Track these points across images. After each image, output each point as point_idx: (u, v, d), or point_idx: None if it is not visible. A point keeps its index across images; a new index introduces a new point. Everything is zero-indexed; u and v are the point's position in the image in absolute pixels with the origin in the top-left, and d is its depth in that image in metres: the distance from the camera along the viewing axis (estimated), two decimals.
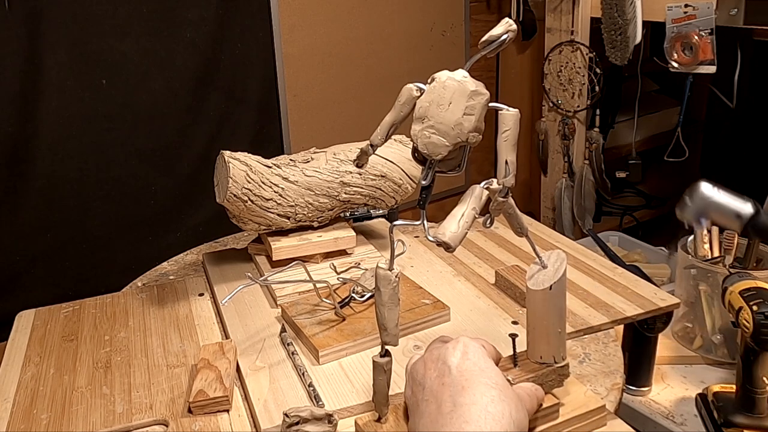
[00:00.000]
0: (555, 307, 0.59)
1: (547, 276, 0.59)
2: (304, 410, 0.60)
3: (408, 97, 0.61)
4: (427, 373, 0.57)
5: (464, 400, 0.52)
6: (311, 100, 2.02)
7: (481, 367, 0.55)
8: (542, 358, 0.61)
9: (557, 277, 0.58)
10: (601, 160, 1.91)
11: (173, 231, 1.82)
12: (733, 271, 0.85)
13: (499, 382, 0.54)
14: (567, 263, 0.60)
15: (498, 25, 0.57)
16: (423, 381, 0.57)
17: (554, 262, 0.60)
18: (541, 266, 0.61)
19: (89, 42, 1.58)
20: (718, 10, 1.42)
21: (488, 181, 0.58)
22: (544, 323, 0.60)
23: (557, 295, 0.59)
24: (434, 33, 2.25)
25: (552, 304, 0.59)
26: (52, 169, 1.60)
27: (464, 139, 0.56)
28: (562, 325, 0.61)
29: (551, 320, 0.60)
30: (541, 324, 0.60)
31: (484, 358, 0.56)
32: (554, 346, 0.60)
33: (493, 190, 0.57)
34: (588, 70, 1.82)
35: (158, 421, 0.68)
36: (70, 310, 0.91)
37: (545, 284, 0.58)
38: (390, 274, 0.56)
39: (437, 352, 0.58)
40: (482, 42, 0.58)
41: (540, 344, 0.61)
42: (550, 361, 0.61)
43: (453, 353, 0.56)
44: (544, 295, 0.58)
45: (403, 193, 1.02)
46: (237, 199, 0.88)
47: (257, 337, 0.81)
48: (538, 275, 0.60)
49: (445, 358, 0.56)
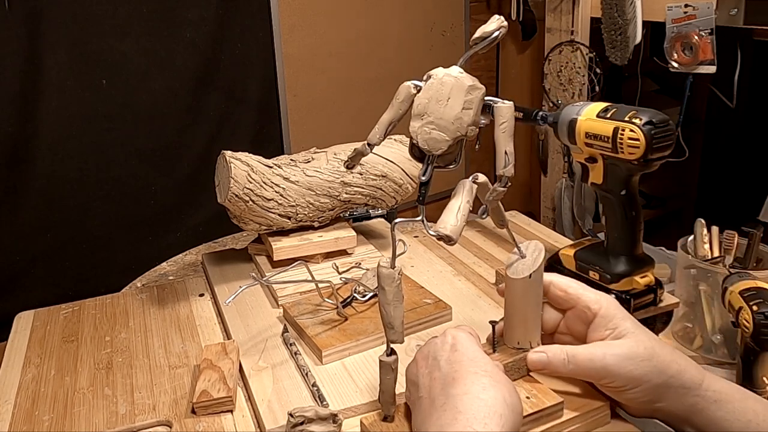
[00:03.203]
0: (533, 295, 0.61)
1: (525, 265, 0.61)
2: (309, 410, 0.60)
3: (406, 94, 0.61)
4: (419, 372, 0.58)
5: (456, 391, 0.52)
6: (311, 100, 2.02)
7: (470, 356, 0.56)
8: (519, 344, 0.63)
9: (536, 267, 0.60)
10: None
11: (173, 231, 1.82)
12: (733, 271, 0.85)
13: (489, 369, 0.54)
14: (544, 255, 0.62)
15: (489, 21, 0.59)
16: (417, 380, 0.58)
17: (532, 252, 0.62)
18: (519, 256, 0.63)
19: (89, 42, 1.58)
20: (718, 10, 1.42)
21: (475, 175, 0.60)
22: (522, 310, 0.62)
23: (535, 283, 0.61)
24: (434, 33, 2.25)
25: (530, 293, 0.61)
26: (52, 169, 1.61)
27: (463, 132, 0.57)
28: (539, 312, 0.63)
29: (529, 308, 0.62)
30: (519, 311, 0.62)
31: (472, 347, 0.57)
32: (531, 332, 0.63)
33: (482, 183, 0.59)
34: (588, 70, 1.82)
35: (162, 422, 0.68)
36: (69, 311, 0.91)
37: (524, 273, 0.60)
38: (393, 272, 0.56)
39: (427, 349, 0.59)
40: (474, 39, 0.59)
41: (517, 330, 0.63)
42: (526, 346, 0.63)
43: (442, 347, 0.58)
44: (523, 283, 0.61)
45: (404, 193, 1.02)
46: (238, 199, 0.88)
47: (259, 338, 0.81)
48: (517, 265, 0.62)
49: (435, 354, 0.58)
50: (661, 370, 0.56)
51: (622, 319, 0.59)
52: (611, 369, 0.56)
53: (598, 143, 0.77)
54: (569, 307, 0.63)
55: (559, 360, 0.59)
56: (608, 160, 0.78)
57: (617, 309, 0.60)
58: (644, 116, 0.73)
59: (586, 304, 0.61)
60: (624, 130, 0.74)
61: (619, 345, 0.57)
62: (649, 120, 0.73)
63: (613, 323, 0.59)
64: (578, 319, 0.62)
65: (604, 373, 0.57)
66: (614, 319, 0.59)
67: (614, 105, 0.78)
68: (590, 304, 0.60)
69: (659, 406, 0.57)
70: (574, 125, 0.80)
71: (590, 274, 0.84)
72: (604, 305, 0.60)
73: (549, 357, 0.60)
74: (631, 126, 0.73)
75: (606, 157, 0.78)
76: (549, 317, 0.64)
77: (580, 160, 0.83)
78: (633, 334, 0.58)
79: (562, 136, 0.82)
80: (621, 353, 0.56)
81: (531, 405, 0.59)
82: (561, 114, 0.82)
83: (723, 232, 0.99)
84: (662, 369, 0.56)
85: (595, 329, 0.60)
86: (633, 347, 0.57)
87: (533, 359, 0.61)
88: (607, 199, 0.81)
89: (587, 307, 0.60)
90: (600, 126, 0.77)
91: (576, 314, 0.62)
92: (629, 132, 0.73)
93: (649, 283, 0.82)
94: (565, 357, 0.59)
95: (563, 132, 0.82)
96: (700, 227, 0.98)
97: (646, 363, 0.56)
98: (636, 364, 0.56)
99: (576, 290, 0.62)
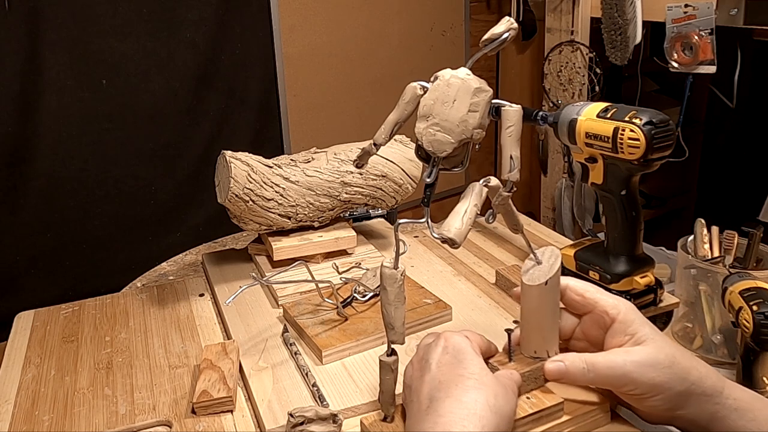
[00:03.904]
0: (550, 302, 0.60)
1: (542, 272, 0.59)
2: (309, 410, 0.60)
3: (412, 95, 0.61)
4: (413, 374, 0.58)
5: (439, 395, 0.52)
6: (311, 100, 2.02)
7: (459, 359, 0.55)
8: (536, 353, 0.61)
9: (552, 273, 0.59)
10: None
11: (173, 231, 1.82)
12: (733, 271, 0.85)
13: (474, 372, 0.54)
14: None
15: (499, 23, 0.58)
16: (410, 382, 0.58)
17: (548, 258, 0.61)
18: (535, 262, 0.61)
19: (89, 42, 1.58)
20: (718, 10, 1.42)
21: (486, 178, 0.59)
22: (539, 318, 0.60)
23: (552, 290, 0.59)
24: (434, 33, 2.25)
25: (547, 300, 0.59)
26: (52, 169, 1.60)
27: (469, 135, 0.57)
28: (556, 320, 0.61)
29: (545, 315, 0.60)
30: (535, 319, 0.61)
31: (464, 350, 0.56)
32: (548, 341, 0.61)
33: (493, 186, 0.58)
34: (588, 70, 1.82)
35: (162, 422, 0.67)
36: (69, 311, 0.91)
37: (540, 279, 0.59)
38: (395, 273, 0.56)
39: (422, 352, 0.59)
40: (484, 40, 0.58)
41: (534, 339, 0.61)
42: (543, 356, 0.61)
43: (434, 350, 0.57)
44: (539, 290, 0.59)
45: (404, 193, 1.02)
46: (238, 199, 0.88)
47: (259, 338, 0.81)
48: (533, 271, 0.60)
49: (427, 356, 0.57)
50: (682, 377, 0.54)
51: (641, 325, 0.57)
52: (633, 376, 0.55)
53: (598, 143, 0.77)
54: (585, 312, 0.61)
55: (578, 369, 0.57)
56: (608, 160, 0.78)
57: (636, 314, 0.58)
58: (644, 116, 0.73)
59: (604, 309, 0.59)
60: (624, 130, 0.74)
61: (639, 351, 0.56)
62: (649, 120, 0.73)
63: (632, 329, 0.57)
64: (595, 325, 0.60)
65: (626, 380, 0.55)
66: (633, 324, 0.57)
67: (614, 105, 0.78)
68: (608, 309, 0.58)
69: (679, 413, 0.55)
70: (574, 125, 0.80)
71: (590, 274, 0.84)
72: (623, 310, 0.58)
73: (567, 366, 0.58)
74: (631, 126, 0.73)
75: (606, 157, 0.78)
76: (565, 323, 0.63)
77: (580, 160, 0.83)
78: (652, 340, 0.56)
79: (562, 136, 0.82)
80: (642, 360, 0.55)
81: (531, 405, 0.59)
82: (561, 114, 0.82)
83: (723, 232, 0.99)
84: (683, 376, 0.54)
85: (613, 335, 0.58)
86: (653, 354, 0.55)
87: (551, 369, 0.59)
88: (607, 199, 0.81)
89: (605, 312, 0.59)
90: (600, 126, 0.77)
91: (593, 319, 0.60)
92: (629, 132, 0.73)
93: (649, 283, 0.82)
94: (584, 366, 0.57)
95: (563, 132, 0.82)
96: (700, 227, 0.98)
97: (668, 370, 0.54)
98: (658, 371, 0.54)
99: (593, 294, 0.60)
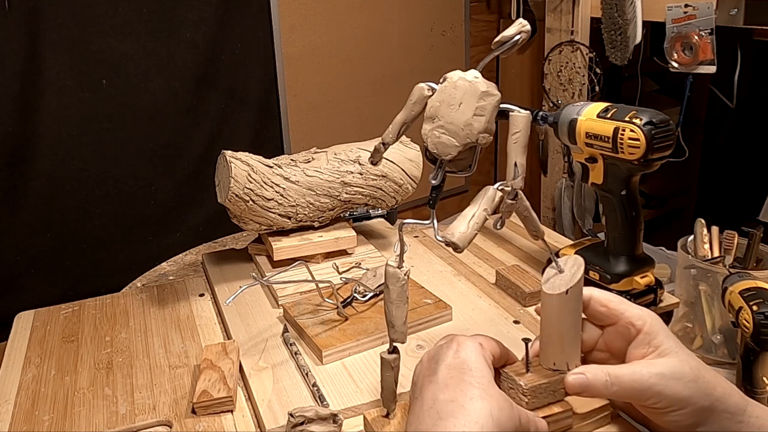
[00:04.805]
0: (571, 312, 0.57)
1: (563, 280, 0.57)
2: (309, 410, 0.60)
3: (419, 96, 0.60)
4: (422, 372, 0.58)
5: (444, 397, 0.52)
6: (311, 100, 2.02)
7: (469, 365, 0.55)
8: (555, 365, 0.58)
9: (573, 282, 0.56)
10: None
11: (173, 231, 1.82)
12: (733, 271, 0.85)
13: (482, 382, 0.53)
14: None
15: (512, 25, 0.58)
16: (417, 380, 0.57)
17: (571, 267, 0.58)
18: (557, 270, 0.58)
19: (89, 42, 1.58)
20: (718, 10, 1.42)
21: (503, 182, 0.57)
22: (559, 329, 0.57)
23: (573, 300, 0.56)
24: (434, 33, 2.25)
25: (568, 310, 0.56)
26: (52, 169, 1.60)
27: (474, 140, 0.56)
28: (577, 331, 0.58)
29: (566, 326, 0.57)
30: (555, 330, 0.58)
31: (475, 356, 0.55)
32: (568, 353, 0.58)
33: (507, 192, 0.57)
34: (588, 70, 1.82)
35: (162, 422, 0.67)
36: (69, 311, 0.91)
37: (561, 288, 0.56)
38: (399, 272, 0.56)
39: (434, 352, 0.59)
40: (495, 42, 0.58)
41: (553, 350, 0.58)
42: (563, 368, 0.58)
43: (446, 352, 0.57)
44: (559, 299, 0.56)
45: (404, 193, 1.02)
46: (239, 199, 0.88)
47: (259, 338, 0.81)
48: (554, 279, 0.57)
49: (438, 357, 0.57)
50: (707, 393, 0.53)
51: (666, 337, 0.56)
52: (657, 389, 0.53)
53: (598, 143, 0.77)
54: (610, 324, 0.59)
55: (600, 382, 0.55)
56: (608, 160, 0.78)
57: (661, 326, 0.57)
58: (644, 116, 0.73)
59: (630, 321, 0.57)
60: (624, 130, 0.74)
61: (664, 363, 0.54)
62: (650, 120, 0.73)
63: (657, 341, 0.56)
64: (619, 336, 0.58)
65: (651, 393, 0.53)
66: (658, 336, 0.56)
67: (614, 105, 0.78)
68: (634, 321, 0.57)
69: (700, 430, 0.54)
70: (574, 125, 0.80)
71: (590, 274, 0.84)
72: (648, 322, 0.57)
73: (589, 379, 0.55)
74: (631, 126, 0.73)
75: (606, 157, 0.78)
76: (587, 335, 0.60)
77: (580, 160, 0.83)
78: (676, 353, 0.55)
79: (563, 136, 0.82)
80: (667, 372, 0.54)
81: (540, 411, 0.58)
82: (561, 114, 0.82)
83: (723, 232, 0.99)
84: (708, 391, 0.53)
85: (636, 346, 0.57)
86: (678, 366, 0.54)
87: (572, 382, 0.56)
88: (607, 199, 0.81)
89: (630, 323, 0.57)
90: (600, 126, 0.77)
91: (617, 331, 0.58)
92: (629, 132, 0.73)
93: (649, 283, 0.82)
94: (607, 378, 0.55)
95: (563, 132, 0.82)
96: (700, 227, 0.98)
97: (693, 384, 0.53)
98: (683, 385, 0.53)
99: (618, 305, 0.58)
